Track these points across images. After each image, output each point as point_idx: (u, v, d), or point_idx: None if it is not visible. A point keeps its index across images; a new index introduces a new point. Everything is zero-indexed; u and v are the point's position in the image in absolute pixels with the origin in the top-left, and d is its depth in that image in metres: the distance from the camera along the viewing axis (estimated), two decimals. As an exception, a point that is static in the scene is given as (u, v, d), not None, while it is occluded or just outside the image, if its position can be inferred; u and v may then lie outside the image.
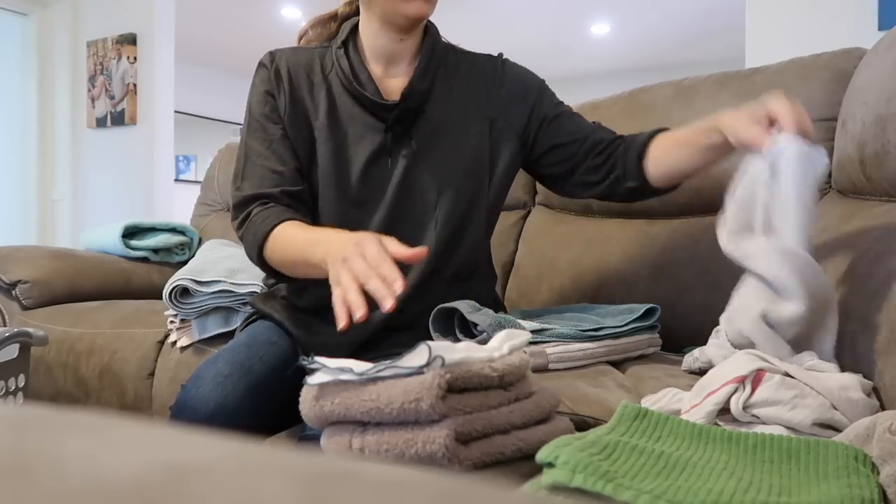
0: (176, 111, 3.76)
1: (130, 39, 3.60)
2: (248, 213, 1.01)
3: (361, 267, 0.76)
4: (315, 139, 1.06)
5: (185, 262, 1.94)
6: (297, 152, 1.05)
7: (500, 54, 1.17)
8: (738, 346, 0.82)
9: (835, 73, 1.18)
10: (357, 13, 1.11)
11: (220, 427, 0.90)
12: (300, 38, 1.17)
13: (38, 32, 3.91)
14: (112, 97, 3.68)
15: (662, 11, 5.08)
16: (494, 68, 1.14)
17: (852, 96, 1.07)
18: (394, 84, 1.08)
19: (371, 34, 1.07)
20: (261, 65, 1.09)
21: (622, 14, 5.20)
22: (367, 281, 0.74)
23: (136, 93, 3.61)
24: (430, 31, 1.10)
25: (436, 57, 1.09)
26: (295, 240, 0.94)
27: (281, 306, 1.10)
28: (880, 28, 1.93)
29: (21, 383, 1.30)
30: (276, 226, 0.97)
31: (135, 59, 3.60)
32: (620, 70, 6.53)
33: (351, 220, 1.03)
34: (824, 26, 2.06)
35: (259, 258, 0.99)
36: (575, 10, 5.09)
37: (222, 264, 1.43)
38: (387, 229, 1.02)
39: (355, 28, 1.09)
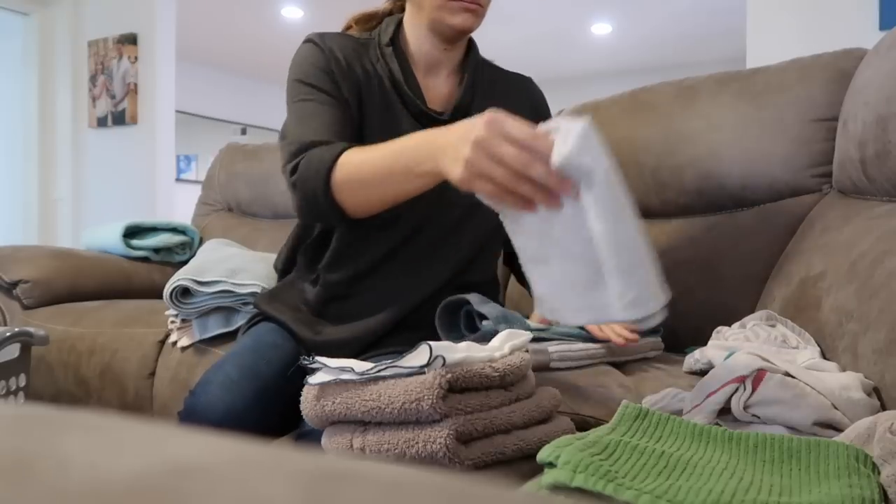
0: (177, 111, 3.77)
1: (131, 39, 3.60)
2: (306, 155, 0.92)
3: (500, 173, 0.64)
4: (365, 135, 1.02)
5: (185, 262, 1.93)
6: (353, 127, 1.01)
7: (529, 78, 1.19)
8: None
9: (835, 74, 1.18)
10: (399, 10, 1.11)
11: (229, 432, 0.90)
12: (345, 29, 1.15)
13: (39, 32, 3.91)
14: (113, 97, 3.68)
15: (664, 12, 5.07)
16: (527, 90, 1.17)
17: (853, 96, 1.07)
18: (434, 92, 1.07)
19: (416, 39, 1.06)
20: (310, 42, 1.05)
21: (623, 14, 5.19)
22: (515, 186, 0.63)
23: (136, 92, 3.61)
24: (473, 46, 1.11)
25: (477, 73, 1.09)
26: (374, 155, 0.84)
27: (286, 307, 1.09)
28: (881, 28, 1.93)
29: (22, 383, 1.30)
30: (344, 150, 0.87)
31: (136, 58, 3.60)
32: (621, 70, 6.53)
33: (380, 221, 0.99)
34: (825, 26, 2.05)
35: (325, 187, 0.87)
36: (576, 10, 5.08)
37: (223, 264, 1.43)
38: (415, 236, 1.04)
39: (399, 26, 1.08)
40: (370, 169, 0.84)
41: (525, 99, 1.15)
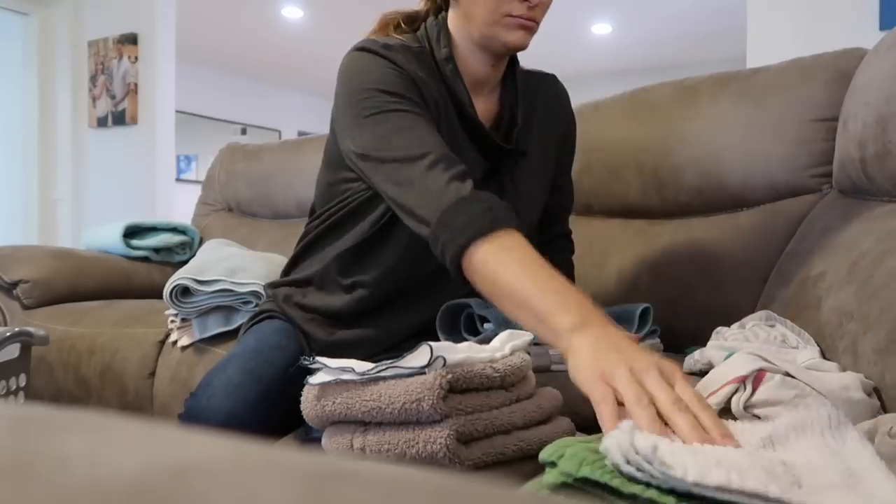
0: (177, 111, 3.77)
1: (131, 39, 3.60)
2: (473, 196, 0.78)
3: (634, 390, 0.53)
4: None
5: (185, 262, 1.94)
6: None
7: (553, 75, 1.17)
8: None
9: (836, 74, 1.18)
10: (434, 11, 1.03)
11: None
12: (382, 27, 1.04)
13: (39, 32, 3.91)
14: (113, 97, 3.68)
15: (664, 12, 5.08)
16: (557, 92, 1.15)
17: (853, 96, 1.07)
18: (480, 109, 1.02)
19: (463, 53, 0.99)
20: (372, 53, 0.93)
21: (624, 14, 5.20)
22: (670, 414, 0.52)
23: (137, 92, 3.61)
24: (516, 61, 1.06)
25: (519, 86, 1.05)
26: (522, 266, 0.70)
27: (300, 309, 1.07)
28: (881, 28, 1.93)
29: (22, 383, 1.30)
30: (505, 226, 0.73)
31: (136, 58, 3.60)
32: (622, 70, 6.53)
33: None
34: (825, 26, 2.05)
35: (460, 251, 0.74)
36: (576, 10, 5.08)
37: (223, 263, 1.43)
38: None
39: (449, 36, 0.99)
40: (509, 278, 0.70)
41: (552, 96, 1.13)
